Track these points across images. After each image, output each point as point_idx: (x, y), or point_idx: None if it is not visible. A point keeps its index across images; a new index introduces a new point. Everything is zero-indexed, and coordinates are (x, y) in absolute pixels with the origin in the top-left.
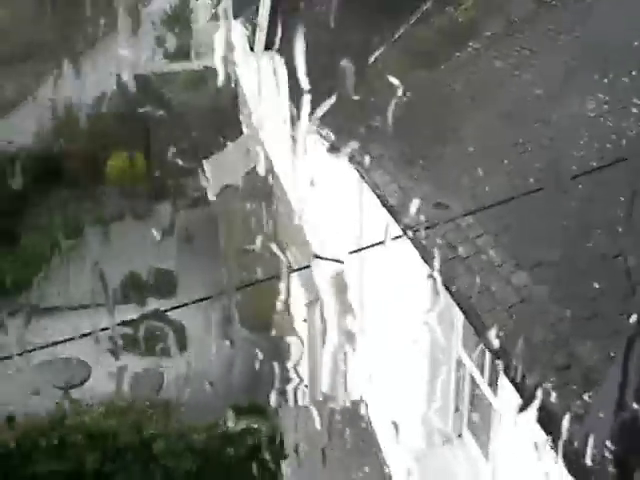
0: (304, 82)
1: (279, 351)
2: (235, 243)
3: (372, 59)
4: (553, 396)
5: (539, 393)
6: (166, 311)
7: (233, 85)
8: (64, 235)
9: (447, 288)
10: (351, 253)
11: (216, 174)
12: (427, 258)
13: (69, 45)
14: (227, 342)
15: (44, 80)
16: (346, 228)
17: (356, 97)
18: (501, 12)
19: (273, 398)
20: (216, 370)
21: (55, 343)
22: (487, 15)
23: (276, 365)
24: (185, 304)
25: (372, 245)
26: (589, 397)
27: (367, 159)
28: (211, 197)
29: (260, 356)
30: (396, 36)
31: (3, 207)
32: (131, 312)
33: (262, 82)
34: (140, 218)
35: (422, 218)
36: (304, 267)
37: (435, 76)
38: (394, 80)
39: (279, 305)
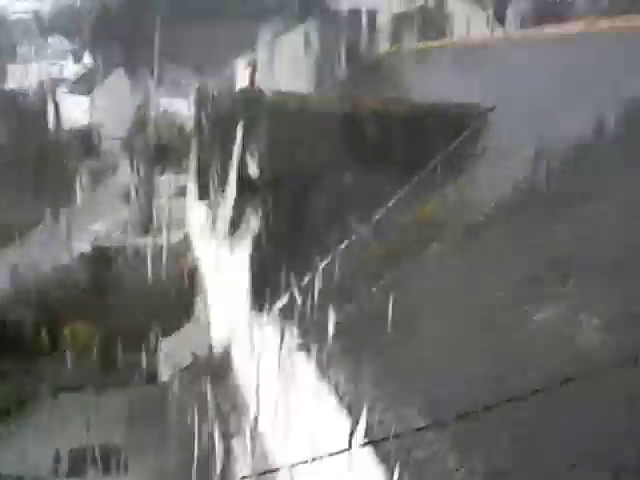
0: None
1: None
2: (185, 426)
3: (335, 254)
4: None
5: None
6: None
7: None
8: (10, 403)
9: None
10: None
11: (171, 353)
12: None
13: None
14: None
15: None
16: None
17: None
18: (465, 213)
19: None
20: None
21: None
22: (451, 215)
23: None
24: None
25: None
26: None
27: (324, 353)
28: (164, 377)
29: None
30: (362, 232)
31: None
32: None
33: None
34: (90, 391)
35: (378, 423)
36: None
37: (398, 275)
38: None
39: None
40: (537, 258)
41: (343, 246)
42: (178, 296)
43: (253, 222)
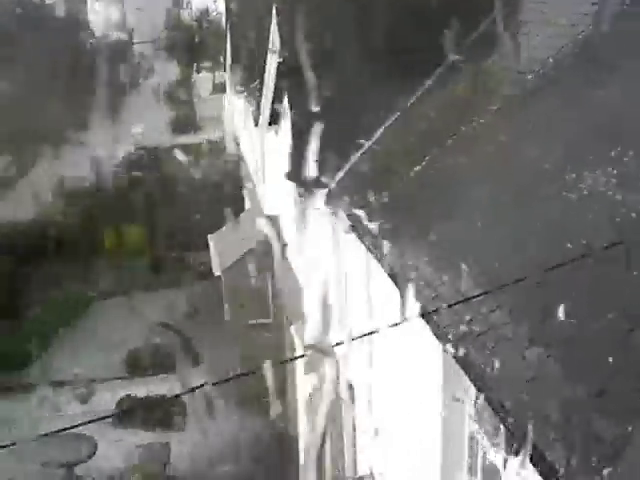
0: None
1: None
2: (240, 318)
3: (376, 136)
4: (573, 473)
5: (559, 470)
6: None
7: (237, 159)
8: (68, 310)
9: (461, 364)
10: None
11: (220, 249)
12: (440, 335)
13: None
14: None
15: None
16: (354, 307)
17: (363, 173)
18: (503, 87)
19: None
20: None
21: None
22: (490, 90)
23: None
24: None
25: (381, 328)
26: (609, 473)
27: (376, 234)
28: (216, 272)
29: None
30: (398, 114)
31: (3, 283)
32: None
33: (266, 157)
34: (143, 292)
35: (432, 294)
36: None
37: (441, 152)
38: (399, 158)
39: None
40: (583, 126)
41: (384, 127)
42: (225, 190)
43: (293, 108)
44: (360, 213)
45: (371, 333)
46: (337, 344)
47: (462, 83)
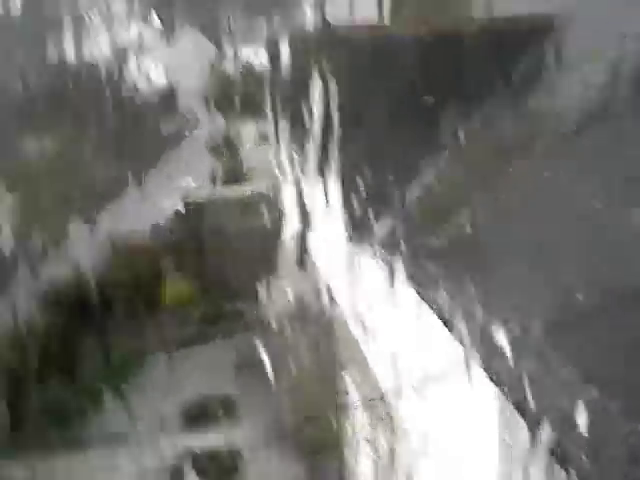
0: (358, 206)
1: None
2: (294, 368)
3: (424, 179)
4: None
5: None
6: None
7: (284, 209)
8: (122, 364)
9: (518, 410)
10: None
11: (270, 298)
12: (497, 380)
13: (123, 177)
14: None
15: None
16: (409, 356)
17: (412, 218)
18: (549, 124)
19: None
20: None
21: None
22: (536, 128)
23: None
24: None
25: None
26: None
27: (428, 279)
28: (267, 322)
29: None
30: (446, 153)
31: (60, 337)
32: (194, 440)
33: (314, 204)
34: (197, 344)
35: (487, 340)
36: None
37: (488, 193)
38: (448, 201)
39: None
40: (632, 163)
41: (431, 171)
42: (275, 241)
43: (341, 157)
44: (411, 258)
45: (428, 381)
46: (394, 393)
47: (508, 122)
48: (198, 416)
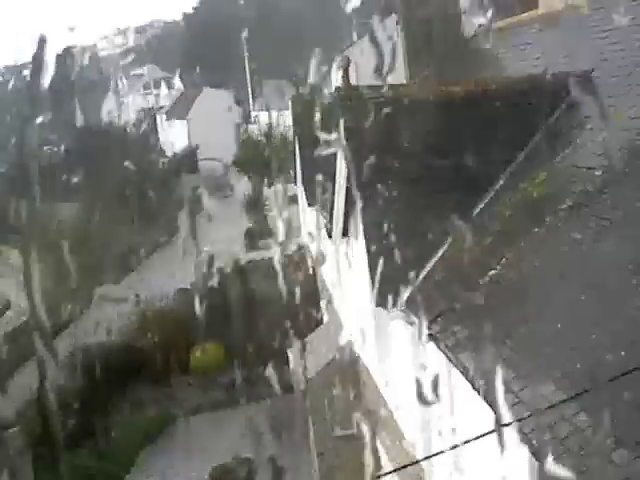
0: (384, 268)
1: None
2: (324, 430)
3: (450, 239)
4: None
5: None
6: None
7: (311, 272)
8: (151, 429)
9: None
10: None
11: (300, 363)
12: (527, 444)
13: (147, 244)
14: None
15: (126, 275)
16: (439, 417)
17: (439, 279)
18: (574, 184)
19: None
20: None
21: None
22: (560, 188)
23: None
24: None
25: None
26: None
27: (455, 341)
28: (297, 387)
29: None
30: (473, 214)
31: (89, 404)
32: None
33: (340, 267)
34: (225, 408)
35: (515, 400)
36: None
37: (516, 253)
38: (474, 261)
39: None
40: None
41: (457, 232)
42: (303, 303)
43: (366, 219)
44: (437, 320)
45: (456, 447)
46: (426, 458)
47: (532, 182)
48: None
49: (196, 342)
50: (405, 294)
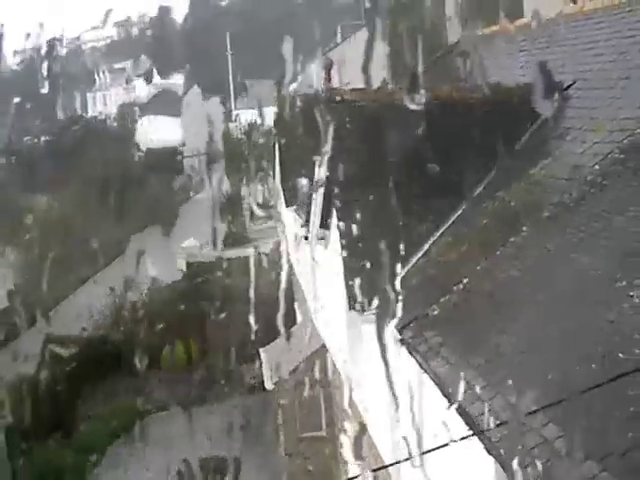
0: (359, 271)
1: None
2: (292, 431)
3: (426, 246)
4: None
5: None
6: None
7: (286, 273)
8: (121, 423)
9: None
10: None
11: (273, 362)
12: (493, 452)
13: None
14: None
15: (100, 269)
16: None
17: (413, 285)
18: (551, 195)
19: None
20: None
21: None
22: (538, 198)
23: None
24: None
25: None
26: None
27: (427, 348)
28: (268, 386)
29: None
30: (449, 222)
31: (59, 396)
32: None
33: (316, 269)
34: (195, 405)
35: (485, 410)
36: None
37: (491, 262)
38: (449, 269)
39: None
40: (631, 233)
41: (433, 238)
42: (276, 303)
43: (342, 223)
44: (411, 326)
45: (425, 453)
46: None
47: (510, 192)
48: (193, 476)
49: (169, 339)
50: (378, 300)
